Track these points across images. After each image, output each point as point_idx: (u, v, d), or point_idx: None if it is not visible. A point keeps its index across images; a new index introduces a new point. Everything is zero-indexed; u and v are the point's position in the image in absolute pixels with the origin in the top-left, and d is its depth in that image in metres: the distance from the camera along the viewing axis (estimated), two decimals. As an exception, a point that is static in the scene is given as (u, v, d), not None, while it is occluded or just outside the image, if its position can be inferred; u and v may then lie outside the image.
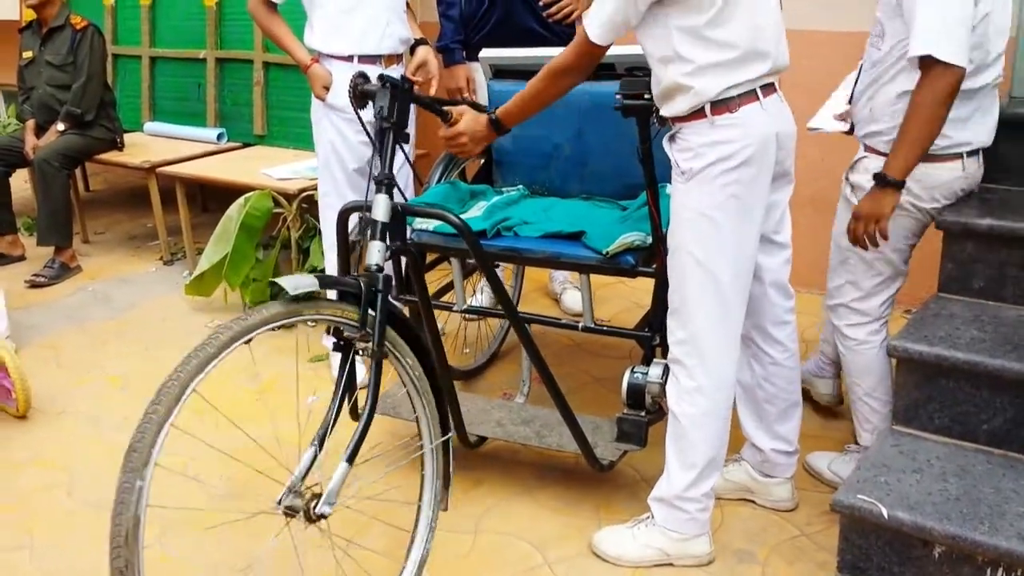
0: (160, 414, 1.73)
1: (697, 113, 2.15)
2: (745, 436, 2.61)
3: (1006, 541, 1.93)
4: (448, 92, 3.54)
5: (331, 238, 3.40)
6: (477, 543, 2.56)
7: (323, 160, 3.40)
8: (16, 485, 2.89)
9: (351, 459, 1.98)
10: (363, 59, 3.30)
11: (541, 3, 3.54)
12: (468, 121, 2.43)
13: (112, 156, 4.89)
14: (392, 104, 2.18)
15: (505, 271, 3.60)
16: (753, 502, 2.67)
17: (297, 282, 1.90)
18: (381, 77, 2.22)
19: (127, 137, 5.03)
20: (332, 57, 3.31)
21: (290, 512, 1.95)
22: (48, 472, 2.96)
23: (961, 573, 2.00)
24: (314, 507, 1.94)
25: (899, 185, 2.27)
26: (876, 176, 2.30)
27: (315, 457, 1.97)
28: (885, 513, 2.04)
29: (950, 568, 2.01)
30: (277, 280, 1.90)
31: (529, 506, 2.70)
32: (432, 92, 3.41)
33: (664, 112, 2.22)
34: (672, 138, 2.24)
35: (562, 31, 3.58)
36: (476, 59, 3.42)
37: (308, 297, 1.93)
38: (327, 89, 3.24)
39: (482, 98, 3.31)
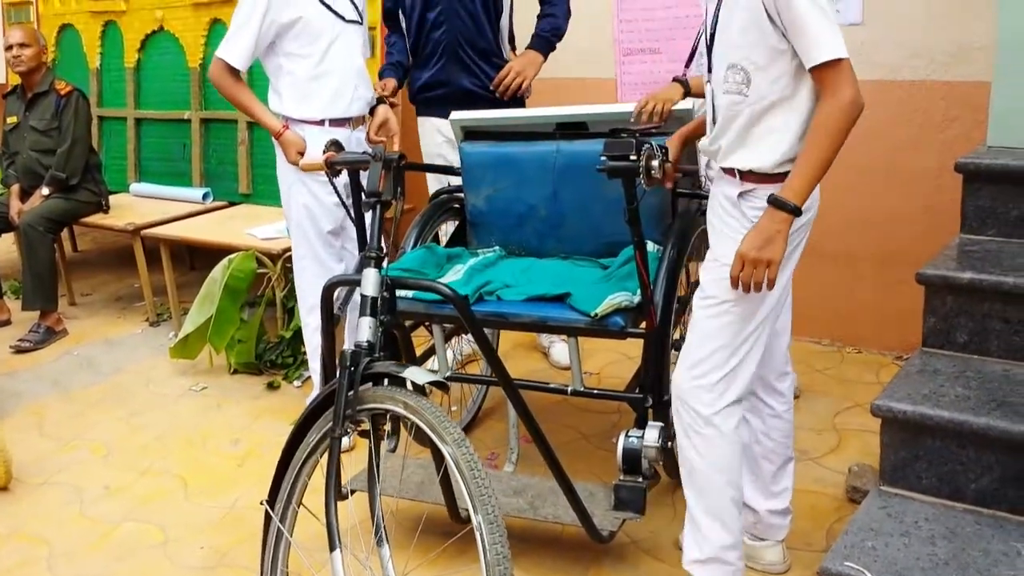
0: None
1: (778, 176, 2.08)
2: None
3: (996, 608, 1.89)
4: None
5: (309, 300, 3.40)
6: (463, 614, 2.51)
7: (296, 223, 3.39)
8: (-4, 561, 2.86)
9: (381, 541, 2.02)
10: (333, 123, 3.32)
11: (492, 84, 3.60)
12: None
13: (97, 219, 4.89)
14: (383, 178, 2.18)
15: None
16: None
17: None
18: (374, 153, 2.23)
19: (113, 199, 5.03)
20: (303, 122, 3.31)
21: None
22: (29, 546, 2.91)
23: (952, 641, 1.96)
24: None
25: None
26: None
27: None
28: (873, 581, 2.00)
29: (941, 636, 1.97)
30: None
31: (515, 573, 2.64)
32: (395, 147, 3.42)
33: (739, 164, 2.13)
34: (742, 195, 2.16)
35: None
36: (423, 115, 3.74)
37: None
38: (302, 154, 3.24)
39: (454, 160, 3.31)
